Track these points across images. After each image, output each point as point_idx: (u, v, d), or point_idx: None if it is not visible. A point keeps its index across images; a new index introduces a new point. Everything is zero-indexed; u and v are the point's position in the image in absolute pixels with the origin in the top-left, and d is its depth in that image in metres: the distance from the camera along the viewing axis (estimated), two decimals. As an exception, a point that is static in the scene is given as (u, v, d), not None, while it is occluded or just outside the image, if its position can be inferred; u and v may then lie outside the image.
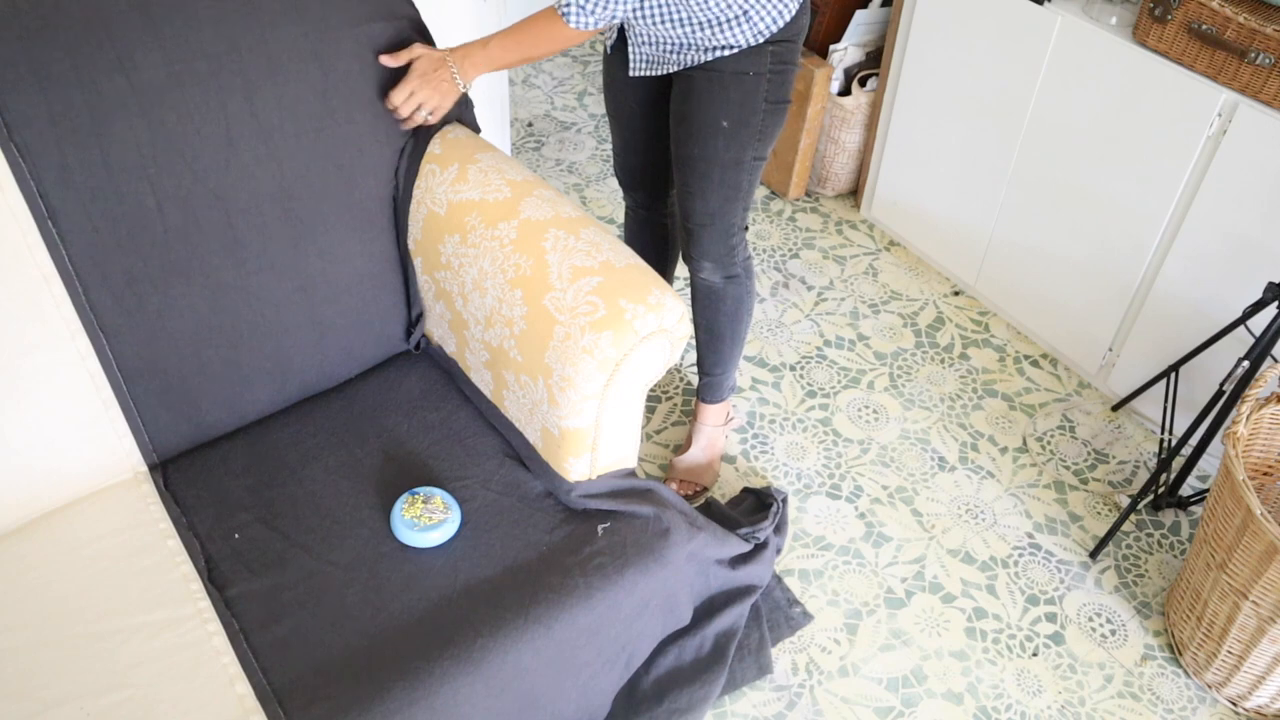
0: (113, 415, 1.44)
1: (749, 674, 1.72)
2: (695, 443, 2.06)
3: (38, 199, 1.31)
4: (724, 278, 1.84)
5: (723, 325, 1.91)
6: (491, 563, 1.40)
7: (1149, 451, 2.20)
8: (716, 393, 2.03)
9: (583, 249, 1.44)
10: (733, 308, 1.88)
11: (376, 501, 1.46)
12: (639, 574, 1.43)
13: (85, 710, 1.20)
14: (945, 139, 2.43)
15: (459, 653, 1.28)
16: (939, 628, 1.85)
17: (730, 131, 1.64)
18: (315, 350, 1.58)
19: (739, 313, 1.90)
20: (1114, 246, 2.13)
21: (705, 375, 2.02)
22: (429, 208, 1.57)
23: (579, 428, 1.43)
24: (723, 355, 1.96)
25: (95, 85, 1.31)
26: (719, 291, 1.86)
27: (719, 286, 1.85)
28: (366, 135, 1.53)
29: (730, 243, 1.79)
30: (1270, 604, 1.57)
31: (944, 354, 2.41)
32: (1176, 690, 1.78)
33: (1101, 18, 2.02)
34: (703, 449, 2.05)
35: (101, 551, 1.38)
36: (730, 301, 1.87)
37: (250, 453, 1.53)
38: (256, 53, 1.40)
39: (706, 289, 1.86)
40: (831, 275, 2.62)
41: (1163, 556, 2.00)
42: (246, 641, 1.29)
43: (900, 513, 2.05)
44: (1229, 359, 1.97)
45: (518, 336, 1.45)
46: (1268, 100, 1.77)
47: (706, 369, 2.01)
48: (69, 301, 1.36)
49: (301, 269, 1.52)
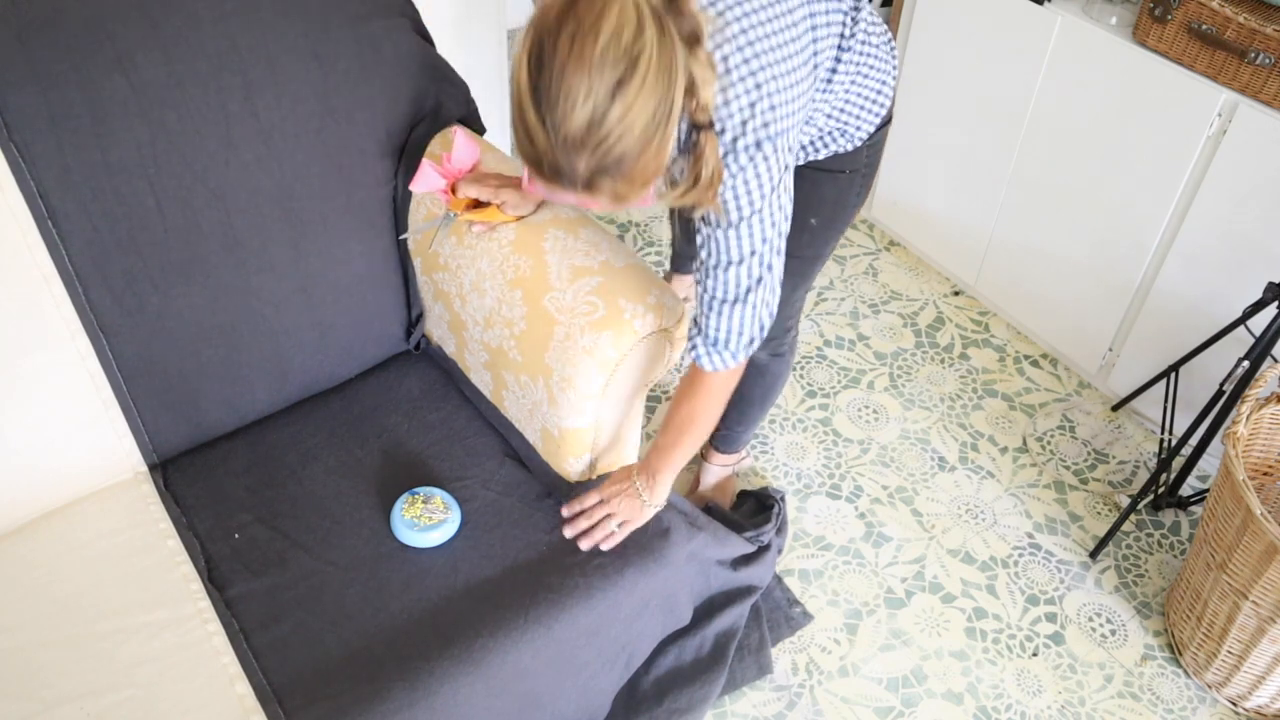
0: (113, 415, 1.44)
1: (749, 674, 1.72)
2: (704, 481, 2.01)
3: (38, 199, 1.31)
4: (771, 355, 1.77)
5: (756, 394, 1.84)
6: (491, 563, 1.40)
7: (1149, 451, 2.20)
8: (733, 445, 1.97)
9: (582, 249, 1.44)
10: (771, 381, 1.82)
11: (376, 501, 1.46)
12: (639, 574, 1.43)
13: (85, 710, 1.20)
14: (945, 139, 2.43)
15: (459, 653, 1.28)
16: (939, 628, 1.85)
17: (816, 228, 1.55)
18: (315, 350, 1.58)
19: (776, 386, 1.84)
20: (1114, 246, 2.13)
21: (723, 429, 1.92)
22: (429, 208, 1.57)
23: (579, 428, 1.43)
24: (748, 416, 1.90)
25: (95, 85, 1.30)
26: (762, 366, 1.78)
27: (764, 362, 1.78)
28: (366, 135, 1.53)
29: (786, 325, 1.73)
30: (1270, 604, 1.57)
31: (944, 354, 2.41)
32: (1176, 690, 1.78)
33: (1101, 18, 2.02)
34: (713, 488, 2.01)
35: (101, 551, 1.38)
36: (770, 376, 1.81)
37: (250, 453, 1.53)
38: (256, 53, 1.40)
39: (751, 363, 1.72)
40: (831, 275, 2.62)
41: (1163, 556, 2.00)
42: (246, 641, 1.29)
43: (900, 513, 2.05)
44: (1229, 359, 1.97)
45: (517, 337, 1.45)
46: (1268, 100, 1.77)
47: (727, 423, 1.91)
48: (69, 301, 1.36)
49: (301, 269, 1.52)
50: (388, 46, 1.52)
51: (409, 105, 1.58)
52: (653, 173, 1.03)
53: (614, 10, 0.96)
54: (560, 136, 0.98)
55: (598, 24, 0.95)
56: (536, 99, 0.97)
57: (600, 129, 0.97)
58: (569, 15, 0.96)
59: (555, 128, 0.98)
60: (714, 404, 1.39)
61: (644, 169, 1.02)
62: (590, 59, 0.95)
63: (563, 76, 0.95)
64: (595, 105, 0.96)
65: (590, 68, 0.95)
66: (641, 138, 0.99)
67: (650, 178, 1.04)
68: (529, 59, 0.97)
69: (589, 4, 0.96)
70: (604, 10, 0.96)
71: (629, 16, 0.96)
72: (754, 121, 1.15)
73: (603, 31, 0.95)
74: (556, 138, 0.98)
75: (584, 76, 0.95)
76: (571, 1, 0.97)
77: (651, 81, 0.97)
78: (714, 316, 1.28)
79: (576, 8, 0.96)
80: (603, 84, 0.96)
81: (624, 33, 0.96)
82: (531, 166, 1.03)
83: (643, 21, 0.97)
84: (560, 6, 0.97)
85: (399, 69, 1.54)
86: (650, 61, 0.97)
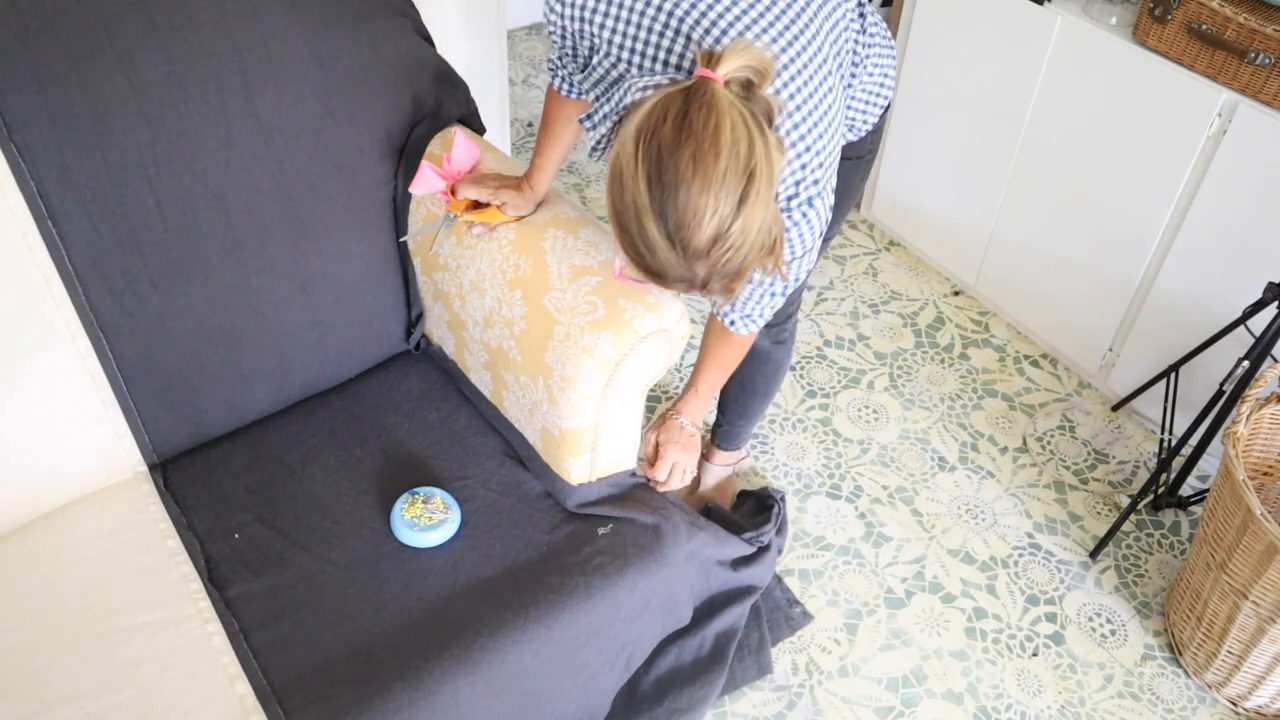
0: (113, 415, 1.44)
1: (749, 674, 1.72)
2: (705, 482, 2.01)
3: (38, 199, 1.31)
4: (773, 342, 1.78)
5: (758, 383, 1.85)
6: (491, 563, 1.40)
7: (1149, 451, 2.20)
8: (734, 441, 1.97)
9: (582, 248, 1.44)
10: (773, 370, 1.83)
11: (376, 501, 1.46)
12: (639, 574, 1.43)
13: (85, 710, 1.20)
14: (945, 139, 2.43)
15: (459, 653, 1.28)
16: (939, 628, 1.85)
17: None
18: (315, 350, 1.58)
19: (779, 374, 1.84)
20: (1114, 246, 2.13)
21: (725, 424, 1.93)
22: (428, 207, 1.57)
23: (579, 428, 1.43)
24: (750, 409, 1.90)
25: (95, 85, 1.31)
26: (764, 354, 1.79)
27: (765, 349, 1.78)
28: (366, 135, 1.53)
29: (788, 310, 1.74)
30: (1270, 604, 1.57)
31: (944, 354, 2.41)
32: (1176, 690, 1.78)
33: (1101, 18, 2.02)
34: (714, 489, 2.01)
35: (101, 551, 1.38)
36: (773, 364, 1.82)
37: (250, 453, 1.53)
38: (256, 53, 1.40)
39: (753, 351, 1.78)
40: (831, 275, 2.62)
41: (1163, 556, 2.00)
42: (246, 641, 1.29)
43: (900, 513, 2.05)
44: (1229, 359, 1.97)
45: (518, 337, 1.45)
46: (1268, 100, 1.77)
47: (729, 418, 1.92)
48: (69, 301, 1.36)
49: (301, 269, 1.52)
50: (388, 46, 1.52)
51: (409, 105, 1.58)
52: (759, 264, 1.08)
53: (726, 124, 0.98)
54: (688, 252, 1.01)
55: (716, 141, 0.97)
56: (662, 217, 1.00)
57: (725, 243, 1.01)
58: (686, 131, 0.98)
59: (684, 245, 1.01)
60: (743, 350, 1.53)
61: (754, 264, 1.07)
62: (714, 178, 0.97)
63: (688, 196, 0.98)
64: (720, 222, 0.99)
65: (715, 188, 0.97)
66: (757, 240, 1.03)
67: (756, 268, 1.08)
68: (647, 175, 0.99)
69: (701, 118, 0.98)
70: (719, 125, 0.97)
71: (741, 131, 0.98)
72: (805, 181, 1.20)
73: (722, 149, 0.97)
74: (684, 254, 1.01)
75: (710, 196, 0.98)
76: (683, 115, 0.98)
77: (765, 191, 1.01)
78: (754, 301, 1.39)
79: (689, 123, 0.98)
80: (728, 202, 0.99)
81: (740, 147, 0.98)
82: (646, 273, 1.06)
83: (751, 131, 0.99)
84: (674, 120, 0.98)
85: (399, 69, 1.54)
86: (764, 172, 1.00)
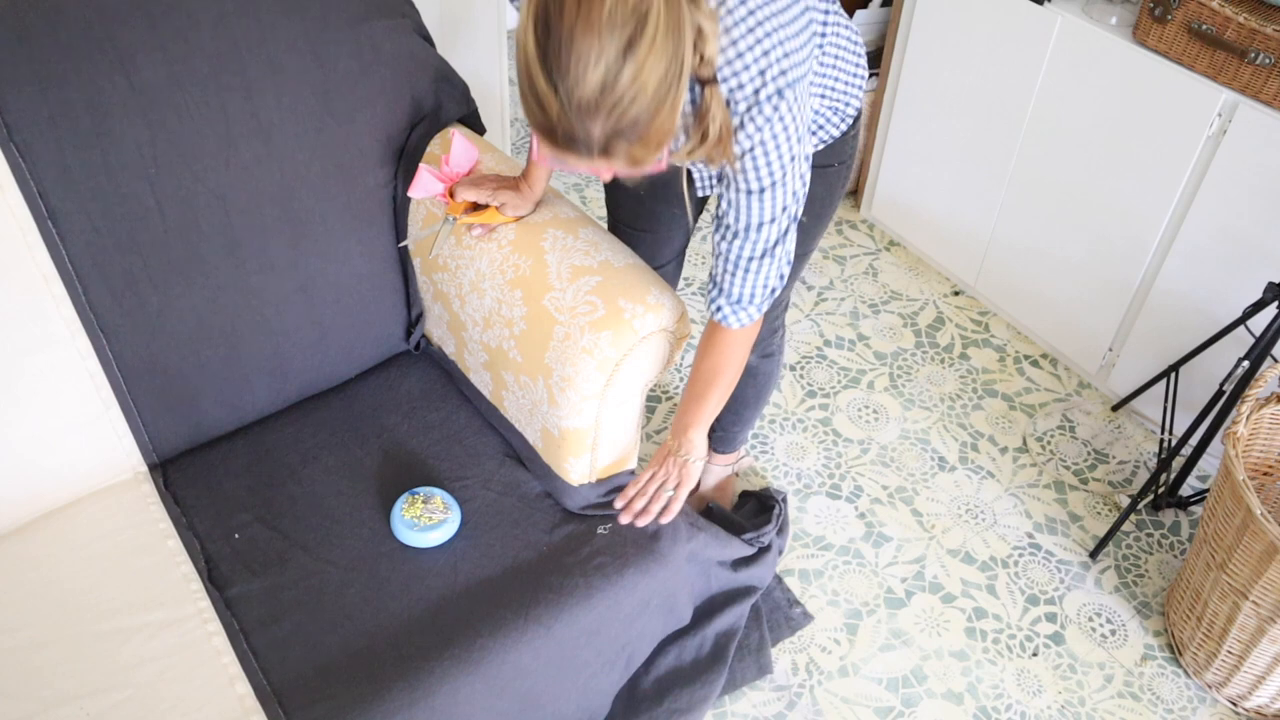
0: (113, 415, 1.44)
1: (749, 674, 1.73)
2: (705, 482, 2.00)
3: (38, 199, 1.31)
4: (760, 356, 1.76)
5: (749, 395, 1.84)
6: (491, 563, 1.40)
7: (1149, 451, 2.20)
8: (730, 445, 1.96)
9: (581, 248, 1.44)
10: (764, 382, 1.82)
11: (376, 501, 1.46)
12: (639, 574, 1.43)
13: (85, 710, 1.20)
14: (945, 139, 2.43)
15: (459, 653, 1.28)
16: (939, 628, 1.85)
17: (807, 225, 1.52)
18: (315, 350, 1.58)
19: (769, 385, 1.84)
20: (1114, 246, 2.13)
21: (719, 429, 1.92)
22: (428, 208, 1.57)
23: (579, 428, 1.43)
24: (742, 416, 1.89)
25: (95, 85, 1.31)
26: (752, 369, 1.78)
27: (753, 364, 1.77)
28: (366, 135, 1.53)
29: (774, 325, 1.72)
30: (1270, 604, 1.57)
31: (944, 354, 2.41)
32: (1176, 690, 1.78)
33: (1101, 18, 2.02)
34: (714, 489, 2.01)
35: (101, 551, 1.38)
36: (762, 377, 1.81)
37: (250, 453, 1.53)
38: (256, 53, 1.40)
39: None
40: (831, 275, 2.62)
41: (1163, 556, 2.00)
42: (246, 641, 1.29)
43: (900, 513, 2.05)
44: (1229, 359, 1.97)
45: (517, 337, 1.45)
46: (1268, 100, 1.77)
47: (723, 424, 1.90)
48: (69, 301, 1.36)
49: (301, 269, 1.52)
50: (388, 46, 1.52)
51: (409, 105, 1.58)
52: (668, 133, 1.01)
53: None
54: (573, 102, 0.94)
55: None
56: (546, 65, 0.94)
57: (613, 92, 0.94)
58: None
59: (568, 94, 0.95)
60: (738, 357, 1.39)
61: (659, 130, 0.99)
62: (599, 20, 0.91)
63: (572, 40, 0.92)
64: (607, 68, 0.93)
65: (599, 29, 0.92)
66: (655, 98, 0.96)
67: (665, 139, 1.01)
68: (535, 24, 0.94)
69: None
70: None
71: None
72: (772, 70, 1.12)
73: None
74: (569, 104, 0.95)
75: (593, 39, 0.92)
76: None
77: (661, 39, 0.95)
78: (739, 276, 1.30)
79: None
80: (613, 45, 0.93)
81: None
82: (543, 135, 1.00)
83: None
84: None
85: (399, 69, 1.54)
86: (659, 18, 0.94)
